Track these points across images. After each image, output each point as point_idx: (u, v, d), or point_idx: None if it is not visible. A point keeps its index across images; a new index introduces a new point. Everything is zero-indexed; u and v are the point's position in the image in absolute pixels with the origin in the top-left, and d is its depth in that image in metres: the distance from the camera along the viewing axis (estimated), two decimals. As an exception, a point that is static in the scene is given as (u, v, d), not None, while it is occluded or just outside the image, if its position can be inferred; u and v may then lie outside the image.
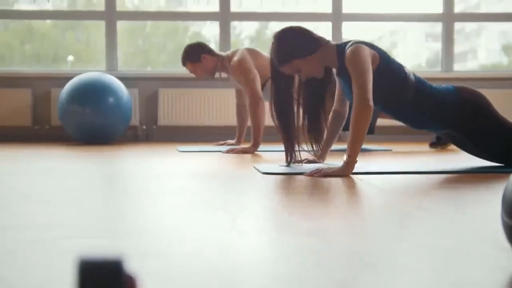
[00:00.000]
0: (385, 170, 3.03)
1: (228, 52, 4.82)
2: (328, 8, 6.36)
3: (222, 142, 5.21)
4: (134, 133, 6.13)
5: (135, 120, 6.04)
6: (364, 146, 4.89)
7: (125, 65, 6.72)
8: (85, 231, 1.61)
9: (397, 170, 3.02)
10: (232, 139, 5.24)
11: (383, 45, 8.14)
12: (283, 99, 3.16)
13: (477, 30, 8.07)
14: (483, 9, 7.20)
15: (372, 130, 4.69)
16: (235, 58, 4.61)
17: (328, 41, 3.09)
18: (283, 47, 3.04)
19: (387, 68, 2.98)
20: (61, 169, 3.32)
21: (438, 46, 6.67)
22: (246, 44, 7.50)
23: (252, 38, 7.56)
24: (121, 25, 6.66)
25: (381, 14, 6.53)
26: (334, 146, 3.48)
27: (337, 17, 6.34)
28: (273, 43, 3.09)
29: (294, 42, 3.04)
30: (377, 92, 2.91)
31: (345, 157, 2.84)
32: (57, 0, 6.92)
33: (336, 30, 6.33)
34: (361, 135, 2.84)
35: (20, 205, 2.06)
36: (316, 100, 3.17)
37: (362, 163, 3.26)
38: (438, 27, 6.56)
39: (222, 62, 4.75)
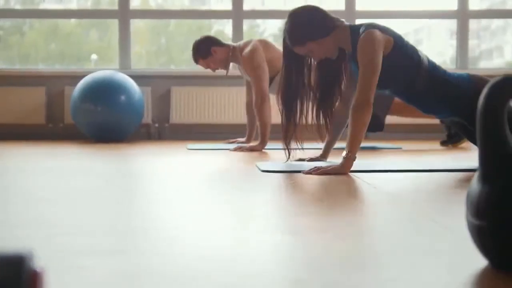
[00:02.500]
0: (385, 168, 3.01)
1: (240, 43, 4.79)
2: (342, 5, 6.33)
3: (232, 140, 5.21)
4: (147, 131, 6.16)
5: (147, 118, 6.07)
6: (374, 144, 4.88)
7: (148, 64, 6.79)
8: (79, 229, 1.62)
9: (396, 168, 3.00)
10: (244, 137, 5.24)
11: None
12: (293, 82, 3.09)
13: (503, 27, 7.95)
14: (510, 6, 7.07)
15: (381, 126, 4.64)
16: (247, 50, 4.59)
17: (342, 22, 3.05)
18: (297, 29, 3.00)
19: (400, 52, 2.92)
20: (67, 168, 3.35)
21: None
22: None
23: (275, 36, 7.54)
24: (144, 23, 6.72)
25: (394, 11, 6.48)
26: (339, 144, 3.46)
27: (350, 14, 6.30)
28: (286, 23, 3.05)
29: (308, 24, 3.00)
30: (389, 75, 2.86)
31: (344, 153, 2.83)
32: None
33: (349, 27, 6.30)
34: (360, 132, 2.82)
35: (22, 203, 2.08)
36: (330, 80, 3.12)
37: (365, 161, 3.25)
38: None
39: (233, 52, 4.73)
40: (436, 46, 8.07)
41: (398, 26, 7.30)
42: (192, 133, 6.12)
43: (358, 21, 6.31)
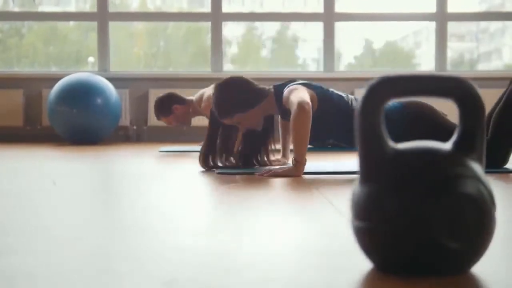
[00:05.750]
0: (339, 170, 3.01)
1: (196, 96, 4.81)
2: (321, 8, 6.34)
3: (206, 143, 5.22)
4: (126, 133, 6.17)
5: (126, 121, 6.08)
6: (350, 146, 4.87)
7: (147, 66, 6.82)
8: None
9: (350, 170, 3.00)
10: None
11: (406, 45, 8.06)
12: (216, 145, 3.13)
13: (502, 29, 7.94)
14: (508, 8, 7.07)
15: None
16: (203, 104, 4.61)
17: (269, 90, 3.09)
18: (225, 101, 3.03)
19: (326, 102, 2.96)
20: (29, 169, 3.36)
21: (462, 46, 6.56)
22: (268, 45, 7.53)
23: (273, 39, 7.56)
24: (142, 26, 6.76)
25: (373, 14, 6.49)
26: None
27: (329, 16, 6.31)
28: (214, 94, 3.08)
29: (235, 96, 3.03)
30: (325, 128, 2.90)
31: (291, 160, 2.84)
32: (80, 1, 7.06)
33: (328, 30, 6.31)
34: (303, 136, 2.80)
35: None
36: (255, 149, 3.17)
37: (325, 163, 3.25)
38: (462, 27, 6.45)
39: (193, 107, 4.79)
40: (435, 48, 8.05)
41: (398, 29, 7.26)
42: (169, 135, 6.13)
43: (337, 24, 6.34)
